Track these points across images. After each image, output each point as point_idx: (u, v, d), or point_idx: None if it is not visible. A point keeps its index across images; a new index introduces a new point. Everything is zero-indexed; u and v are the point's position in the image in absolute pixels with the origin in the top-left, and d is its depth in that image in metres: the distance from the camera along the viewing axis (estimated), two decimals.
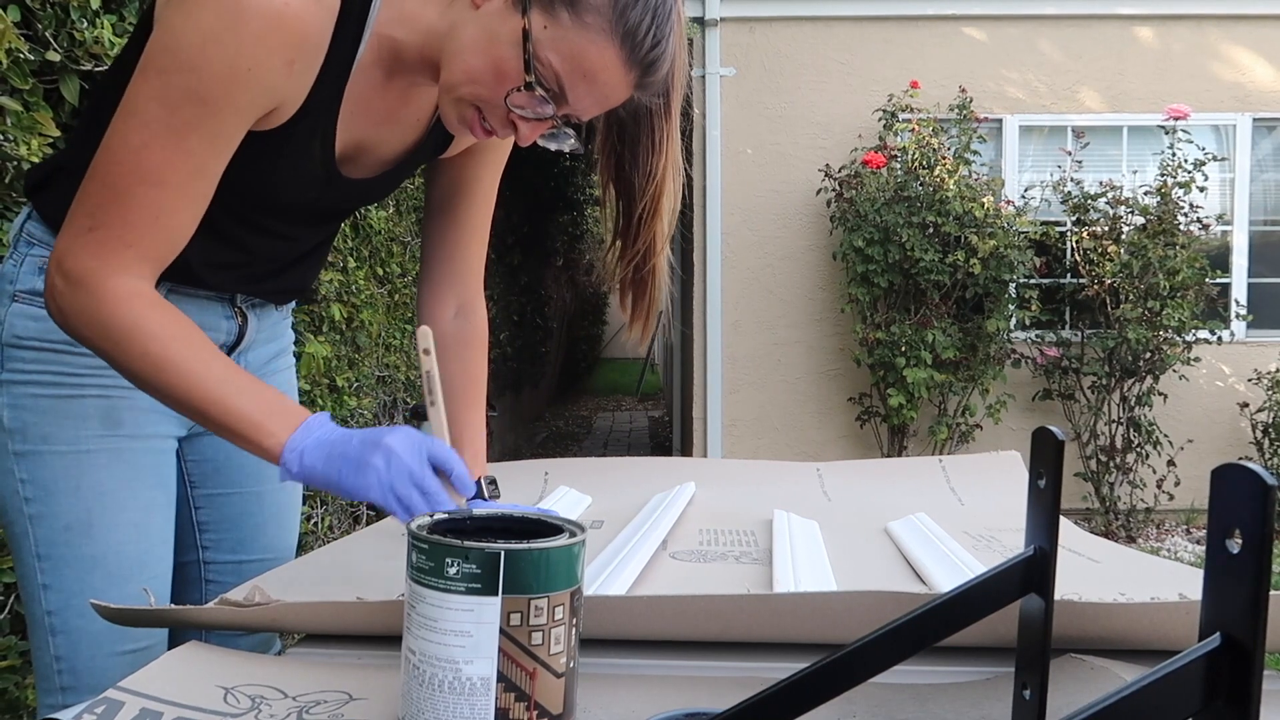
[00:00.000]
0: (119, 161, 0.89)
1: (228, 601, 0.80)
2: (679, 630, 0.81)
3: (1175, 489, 5.26)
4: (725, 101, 5.63)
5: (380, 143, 1.08)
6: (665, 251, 1.07)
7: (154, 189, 0.89)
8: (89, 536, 1.05)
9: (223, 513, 1.24)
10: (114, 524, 1.06)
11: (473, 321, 1.28)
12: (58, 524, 1.05)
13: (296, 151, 1.00)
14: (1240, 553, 0.40)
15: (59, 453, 1.05)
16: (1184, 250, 4.97)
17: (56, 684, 1.07)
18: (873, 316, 5.17)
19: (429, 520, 0.69)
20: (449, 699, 0.62)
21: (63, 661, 1.06)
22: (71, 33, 1.68)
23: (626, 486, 1.49)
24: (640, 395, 12.00)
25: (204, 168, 0.91)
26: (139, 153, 0.88)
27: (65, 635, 1.06)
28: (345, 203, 1.14)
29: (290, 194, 1.05)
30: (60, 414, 1.05)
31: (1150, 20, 5.55)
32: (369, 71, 0.99)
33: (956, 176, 5.01)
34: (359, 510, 3.70)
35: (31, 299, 1.04)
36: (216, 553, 1.24)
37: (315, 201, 1.09)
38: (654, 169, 1.03)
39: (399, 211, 4.25)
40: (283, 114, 0.95)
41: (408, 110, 1.06)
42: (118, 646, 1.06)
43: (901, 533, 1.17)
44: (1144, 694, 0.40)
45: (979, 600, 0.59)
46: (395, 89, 1.02)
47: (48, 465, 1.05)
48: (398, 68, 1.00)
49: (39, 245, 1.06)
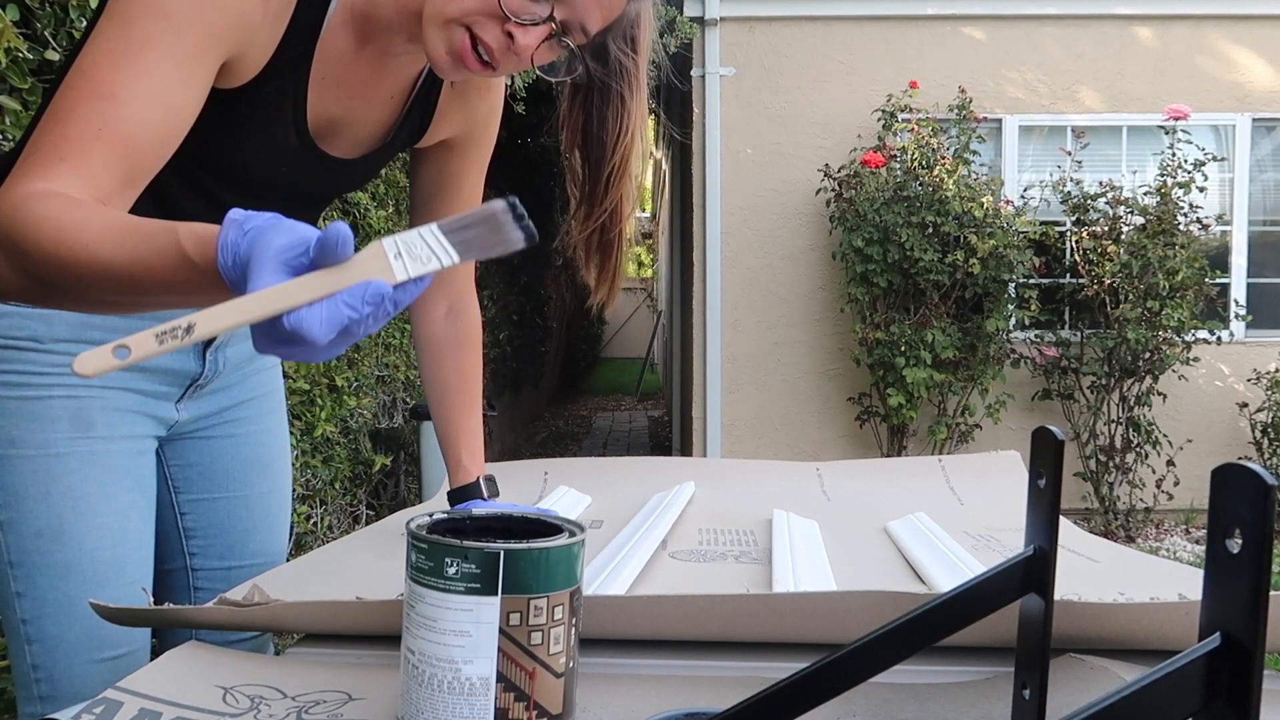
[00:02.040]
0: (67, 84, 0.81)
1: (227, 601, 0.80)
2: (679, 630, 0.81)
3: (1174, 489, 5.26)
4: (725, 101, 5.63)
5: (354, 120, 1.06)
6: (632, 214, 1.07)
7: (99, 102, 0.79)
8: (61, 542, 1.02)
9: (209, 518, 1.21)
10: (88, 529, 1.03)
11: (465, 321, 1.28)
12: (28, 530, 1.01)
13: (266, 113, 0.96)
14: (1240, 553, 0.40)
15: (27, 457, 1.01)
16: (1183, 250, 4.97)
17: (35, 693, 1.04)
18: (872, 316, 5.17)
19: (428, 520, 0.69)
20: (448, 699, 0.62)
21: (40, 670, 1.04)
22: (71, 32, 1.68)
23: (626, 486, 1.49)
24: (640, 395, 12.00)
25: (164, 91, 0.82)
26: (90, 71, 0.80)
27: (41, 644, 1.03)
28: (324, 182, 1.11)
29: (262, 164, 1.01)
30: (26, 416, 1.01)
31: (1150, 20, 5.56)
32: (338, 33, 0.97)
33: (956, 176, 5.01)
34: (358, 510, 3.70)
35: None
36: (204, 559, 1.22)
37: (291, 178, 1.05)
38: (624, 127, 1.02)
39: (398, 211, 4.25)
40: (249, 67, 0.92)
41: (381, 84, 1.05)
42: (95, 654, 1.04)
43: (901, 532, 1.17)
44: (1144, 694, 0.40)
45: (979, 600, 0.59)
46: (367, 58, 1.01)
47: (16, 470, 1.01)
48: (370, 30, 0.98)
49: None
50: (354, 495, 3.70)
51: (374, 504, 4.01)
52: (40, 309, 1.01)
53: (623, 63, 1.00)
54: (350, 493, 3.65)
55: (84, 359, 0.59)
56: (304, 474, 2.93)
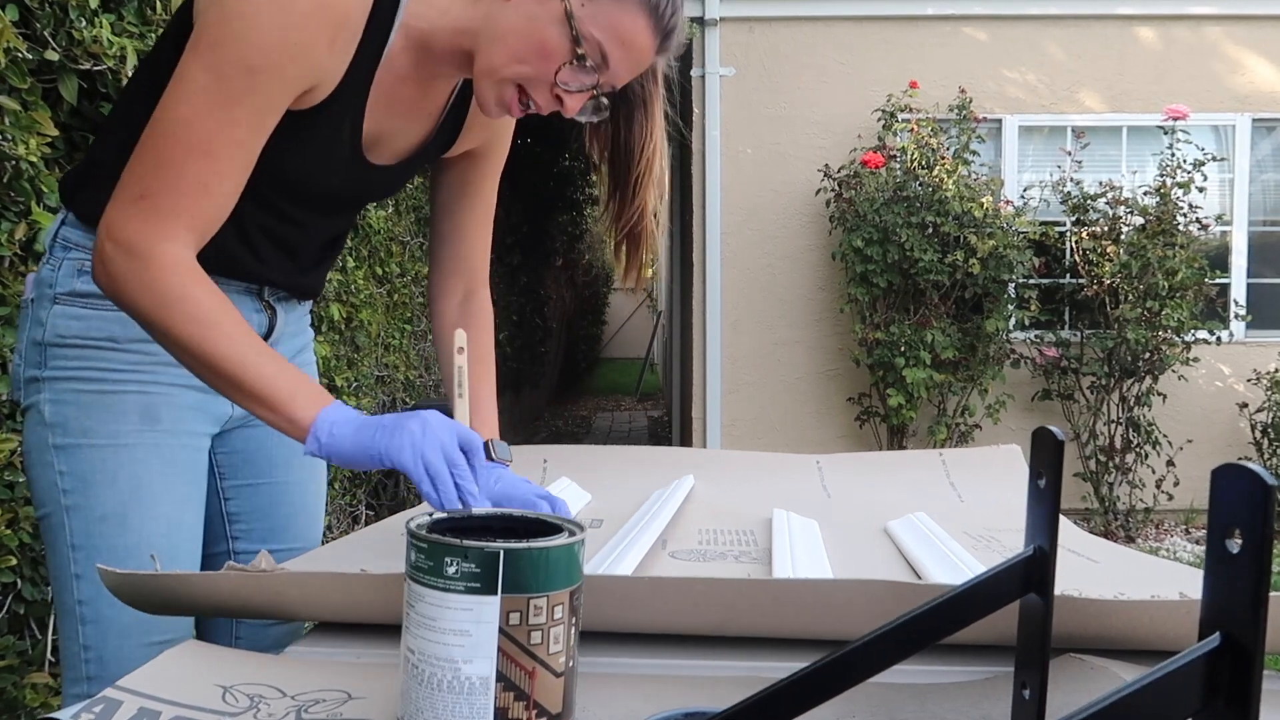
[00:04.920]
0: (169, 133, 0.92)
1: (234, 567, 0.82)
2: (679, 618, 0.81)
3: (1174, 489, 5.26)
4: (725, 101, 5.63)
5: (398, 132, 1.13)
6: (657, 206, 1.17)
7: (201, 159, 0.92)
8: (124, 528, 1.08)
9: (253, 503, 1.27)
10: (148, 516, 1.09)
11: (477, 303, 1.35)
12: (93, 515, 1.07)
13: (328, 132, 1.04)
14: (1240, 553, 0.40)
15: (98, 446, 1.08)
16: (1183, 250, 4.97)
17: (83, 673, 1.09)
18: (872, 316, 5.17)
19: (428, 519, 0.69)
20: (448, 698, 0.62)
21: (90, 650, 1.08)
22: (70, 32, 1.68)
23: (626, 479, 1.49)
24: (640, 395, 12.00)
25: (248, 141, 0.95)
26: (189, 123, 0.92)
27: (95, 625, 1.08)
28: (364, 189, 1.18)
29: (317, 178, 1.09)
30: (100, 409, 1.08)
31: (1150, 20, 5.56)
32: (397, 59, 1.05)
33: (956, 176, 5.01)
34: (358, 510, 3.70)
35: (72, 300, 1.08)
36: (246, 543, 1.27)
37: (337, 188, 1.13)
38: (649, 132, 1.12)
39: (398, 211, 4.25)
40: (318, 94, 1.00)
41: (425, 102, 1.13)
42: (146, 638, 1.09)
43: (901, 532, 1.17)
44: (1144, 694, 0.40)
45: (979, 600, 0.59)
46: (417, 80, 1.09)
47: (86, 458, 1.08)
48: (424, 58, 1.06)
49: (76, 249, 1.09)
50: (353, 495, 3.70)
51: (374, 504, 4.01)
52: (117, 313, 1.08)
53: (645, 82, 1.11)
54: (350, 493, 3.65)
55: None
56: None
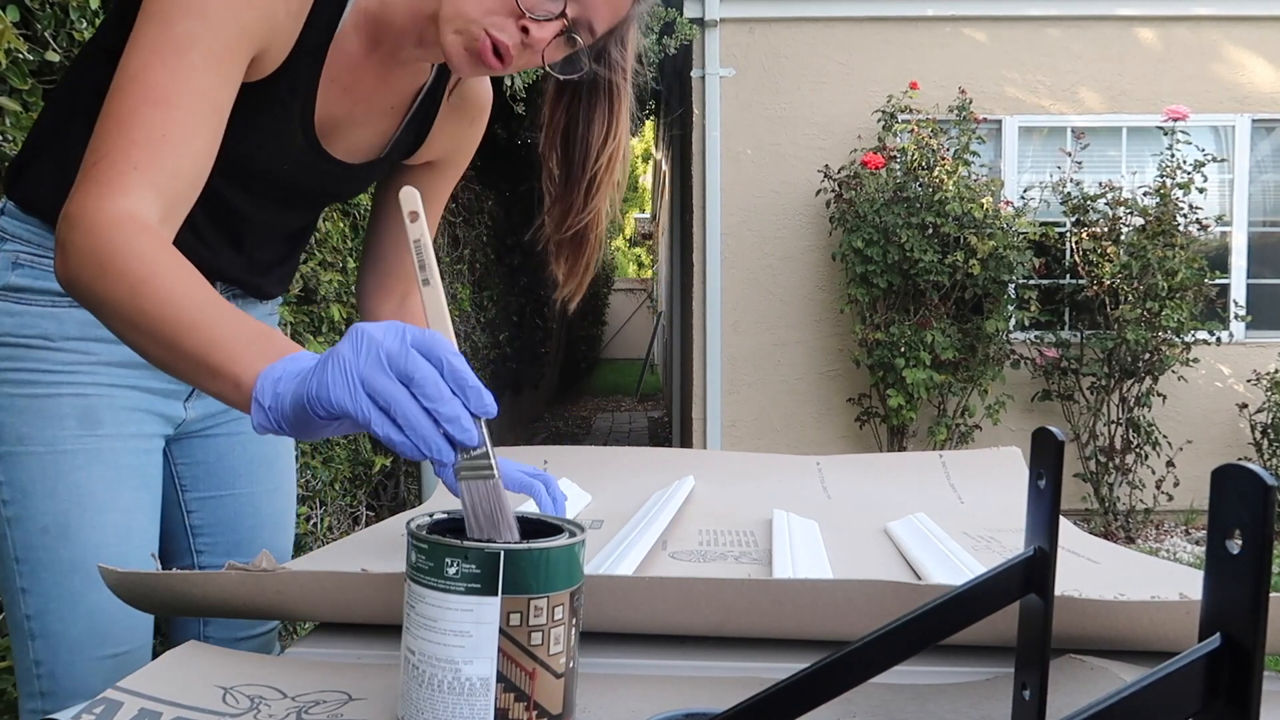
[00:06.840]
0: (121, 89, 0.85)
1: (236, 566, 0.80)
2: (679, 618, 0.81)
3: (1174, 490, 5.26)
4: (725, 102, 5.63)
5: (356, 124, 1.08)
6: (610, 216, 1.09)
7: (157, 107, 0.84)
8: (67, 539, 1.02)
9: (216, 515, 1.22)
10: (93, 526, 1.03)
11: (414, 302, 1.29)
12: (34, 526, 1.02)
13: (277, 108, 0.99)
14: (1240, 553, 0.40)
15: (35, 454, 1.02)
16: (1183, 251, 4.97)
17: (36, 689, 1.05)
18: (872, 317, 5.17)
19: (428, 519, 0.69)
20: (448, 699, 0.62)
21: (42, 666, 1.04)
22: (70, 33, 1.68)
23: (627, 480, 1.49)
24: (640, 396, 12.00)
25: (210, 93, 0.86)
26: (141, 74, 0.84)
27: (44, 639, 1.03)
28: (319, 182, 1.12)
29: (267, 160, 1.03)
30: (36, 414, 1.02)
31: (1150, 21, 5.56)
32: (351, 36, 1.00)
33: (956, 177, 5.01)
34: (358, 511, 3.70)
35: (4, 295, 1.02)
36: (211, 556, 1.23)
37: (293, 176, 1.07)
38: (612, 130, 1.05)
39: None
40: (269, 63, 0.95)
41: (384, 93, 1.08)
42: (97, 651, 1.04)
43: (902, 533, 1.17)
44: (1144, 694, 0.40)
45: (979, 600, 0.59)
46: (374, 63, 1.04)
47: (24, 466, 1.02)
48: (381, 34, 1.01)
49: (12, 240, 1.03)
50: (353, 496, 3.70)
51: (374, 505, 4.01)
52: (51, 309, 1.02)
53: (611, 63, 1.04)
54: (350, 493, 3.65)
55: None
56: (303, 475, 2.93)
